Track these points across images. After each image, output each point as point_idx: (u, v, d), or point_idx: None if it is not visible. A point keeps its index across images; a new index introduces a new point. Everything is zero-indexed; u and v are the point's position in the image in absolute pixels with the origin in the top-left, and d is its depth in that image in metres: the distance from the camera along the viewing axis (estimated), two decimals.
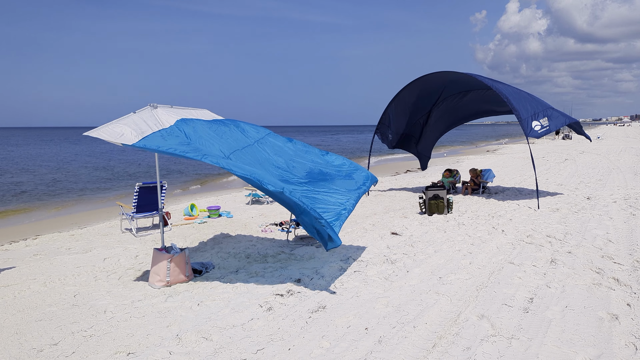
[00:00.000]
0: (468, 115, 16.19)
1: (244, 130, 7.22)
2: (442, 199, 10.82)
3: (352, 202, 6.44)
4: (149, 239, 9.37)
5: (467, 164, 24.20)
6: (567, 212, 10.50)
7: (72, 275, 6.96)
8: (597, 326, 4.72)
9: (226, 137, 6.75)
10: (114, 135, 5.54)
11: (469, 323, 4.87)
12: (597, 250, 7.38)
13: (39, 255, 8.32)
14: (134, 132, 5.69)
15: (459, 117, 16.24)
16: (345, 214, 6.16)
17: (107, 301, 5.83)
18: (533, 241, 8.06)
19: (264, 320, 5.11)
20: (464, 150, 41.30)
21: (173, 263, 6.33)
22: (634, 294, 5.51)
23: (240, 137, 6.98)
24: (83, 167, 32.61)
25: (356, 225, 9.87)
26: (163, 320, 5.18)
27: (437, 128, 16.50)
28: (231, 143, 6.66)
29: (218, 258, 7.68)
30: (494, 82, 12.56)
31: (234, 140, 6.80)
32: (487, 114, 16.16)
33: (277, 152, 7.13)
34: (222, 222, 10.92)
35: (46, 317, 5.38)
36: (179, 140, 5.97)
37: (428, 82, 14.11)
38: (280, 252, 7.88)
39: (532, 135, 11.26)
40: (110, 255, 8.14)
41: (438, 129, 16.65)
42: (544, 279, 6.14)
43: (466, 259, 7.19)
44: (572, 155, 27.55)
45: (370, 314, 5.20)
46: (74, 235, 9.99)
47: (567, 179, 16.43)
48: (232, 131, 7.03)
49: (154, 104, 6.49)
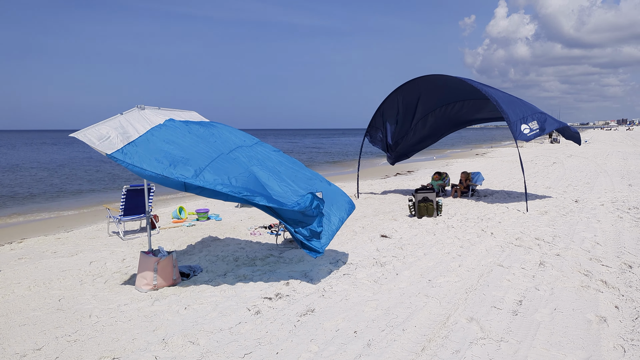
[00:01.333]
0: (458, 123, 16.14)
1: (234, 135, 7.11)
2: (431, 202, 10.83)
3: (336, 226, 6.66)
4: (137, 242, 9.27)
5: (457, 167, 24.29)
6: (556, 214, 10.56)
7: (57, 279, 6.85)
8: (586, 329, 4.72)
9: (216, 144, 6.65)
10: (100, 137, 5.47)
11: (458, 326, 4.85)
12: (585, 252, 7.40)
13: (24, 258, 8.20)
14: (119, 137, 5.63)
15: (449, 125, 16.17)
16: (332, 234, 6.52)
17: (92, 305, 5.74)
18: (522, 244, 8.08)
19: (252, 324, 5.05)
20: (453, 154, 41.50)
21: (160, 266, 6.25)
22: (622, 296, 5.52)
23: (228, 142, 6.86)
24: (70, 169, 32.29)
25: (346, 228, 9.83)
26: (149, 325, 5.11)
27: (423, 133, 16.40)
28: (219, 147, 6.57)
29: (206, 261, 7.61)
30: (483, 86, 12.61)
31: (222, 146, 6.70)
32: (478, 121, 16.16)
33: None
34: (211, 225, 10.84)
35: (30, 321, 5.28)
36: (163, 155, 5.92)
37: (418, 86, 14.14)
38: (269, 255, 7.82)
39: (521, 138, 11.32)
40: (97, 258, 8.03)
41: (424, 135, 16.53)
42: (532, 281, 6.15)
43: (455, 261, 7.18)
44: (560, 158, 27.76)
45: (359, 317, 5.17)
46: (60, 239, 9.86)
47: (555, 182, 16.54)
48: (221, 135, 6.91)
49: (142, 105, 6.43)
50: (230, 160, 6.31)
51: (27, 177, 27.43)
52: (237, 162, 6.35)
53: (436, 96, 14.69)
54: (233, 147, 6.67)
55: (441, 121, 15.79)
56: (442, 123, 15.85)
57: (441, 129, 16.30)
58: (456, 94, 14.49)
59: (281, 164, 6.83)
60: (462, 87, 13.64)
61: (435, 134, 16.45)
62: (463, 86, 13.44)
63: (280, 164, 6.84)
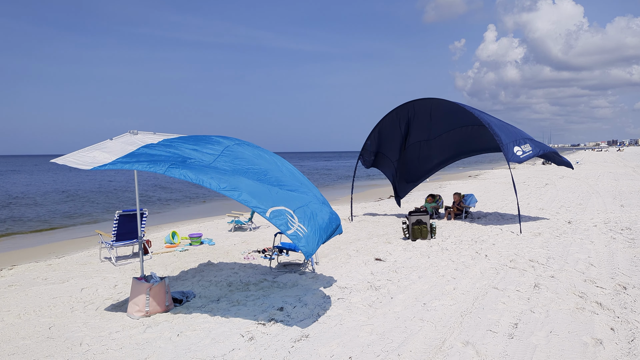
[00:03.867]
0: (453, 151, 15.96)
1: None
2: (425, 224, 10.83)
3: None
4: (129, 267, 9.17)
5: (450, 189, 24.36)
6: (549, 236, 10.57)
7: (47, 307, 6.75)
8: (582, 351, 4.69)
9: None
10: (85, 162, 5.42)
11: (454, 350, 4.81)
12: (580, 274, 7.40)
13: (14, 286, 8.08)
14: (107, 156, 5.58)
15: (442, 158, 16.09)
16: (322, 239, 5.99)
17: (83, 333, 5.65)
18: (516, 266, 8.07)
19: (245, 351, 4.98)
20: (446, 175, 41.64)
21: (152, 292, 6.18)
22: (617, 318, 5.51)
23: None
24: (60, 194, 32.10)
25: (340, 252, 9.79)
26: (141, 352, 5.02)
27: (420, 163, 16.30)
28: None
29: (199, 287, 7.53)
30: (476, 111, 12.70)
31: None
32: (473, 152, 15.90)
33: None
34: (204, 249, 10.77)
35: (19, 350, 5.19)
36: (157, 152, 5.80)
37: (410, 110, 14.26)
38: (262, 280, 7.76)
39: (513, 160, 11.38)
40: (88, 285, 7.93)
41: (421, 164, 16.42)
42: (527, 303, 6.12)
43: (450, 284, 7.15)
44: (553, 179, 27.93)
45: (354, 342, 5.11)
46: (51, 265, 9.74)
47: (548, 204, 16.60)
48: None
49: (134, 130, 6.41)
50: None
51: (18, 203, 27.23)
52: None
53: (429, 122, 14.75)
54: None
55: (436, 150, 15.76)
56: (438, 151, 15.78)
57: (437, 158, 16.20)
58: (450, 121, 14.55)
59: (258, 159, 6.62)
60: (455, 113, 13.74)
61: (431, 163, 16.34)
62: (455, 111, 13.54)
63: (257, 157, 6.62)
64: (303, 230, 5.41)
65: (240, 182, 5.61)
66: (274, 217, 5.30)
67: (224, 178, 5.52)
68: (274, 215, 5.31)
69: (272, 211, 5.34)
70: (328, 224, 5.91)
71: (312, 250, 5.31)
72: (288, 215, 5.43)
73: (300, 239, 5.27)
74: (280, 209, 5.45)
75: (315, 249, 5.41)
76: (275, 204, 5.50)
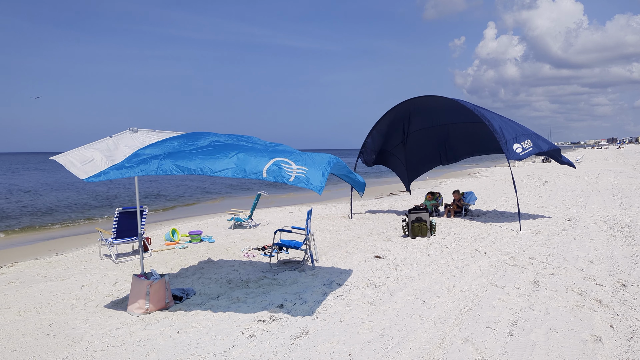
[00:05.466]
0: (452, 154, 16.06)
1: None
2: (425, 222, 10.83)
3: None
4: (129, 265, 9.18)
5: (450, 186, 24.37)
6: (549, 234, 10.58)
7: (48, 304, 6.76)
8: (581, 349, 4.70)
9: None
10: (83, 160, 5.43)
11: (453, 347, 4.82)
12: (579, 271, 7.41)
13: (14, 283, 8.09)
14: (105, 161, 5.59)
15: (444, 147, 16.17)
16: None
17: (83, 330, 5.66)
18: (516, 263, 8.08)
19: (245, 348, 4.99)
20: (445, 173, 41.65)
21: (152, 289, 6.19)
22: (617, 315, 5.52)
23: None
24: (60, 192, 32.11)
25: (339, 249, 9.80)
26: (141, 349, 5.04)
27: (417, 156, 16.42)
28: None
29: (199, 284, 7.54)
30: (475, 107, 12.71)
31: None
32: (475, 152, 15.98)
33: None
34: (204, 247, 10.78)
35: (20, 347, 5.20)
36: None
37: (409, 107, 14.29)
38: (262, 277, 7.77)
39: (513, 157, 11.38)
40: (88, 282, 7.94)
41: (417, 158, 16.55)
42: (527, 301, 6.13)
43: (450, 281, 7.16)
44: (552, 177, 27.93)
45: (353, 339, 5.12)
46: (51, 262, 9.75)
47: (547, 201, 16.61)
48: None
49: (134, 127, 6.40)
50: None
51: (16, 200, 27.23)
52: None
53: (430, 114, 14.79)
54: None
55: (435, 146, 15.83)
56: (440, 140, 15.86)
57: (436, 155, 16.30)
58: (451, 116, 14.58)
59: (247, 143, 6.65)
60: (455, 110, 13.75)
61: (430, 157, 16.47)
62: (456, 108, 13.54)
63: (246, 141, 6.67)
64: (303, 170, 5.40)
65: (227, 160, 5.58)
66: (269, 174, 5.31)
67: (209, 160, 5.52)
68: (268, 174, 5.32)
69: (266, 170, 5.35)
70: (329, 159, 5.91)
71: (320, 184, 5.28)
72: (284, 164, 5.41)
73: (303, 180, 5.27)
74: (273, 162, 5.45)
75: (323, 181, 5.36)
76: (267, 162, 5.50)
